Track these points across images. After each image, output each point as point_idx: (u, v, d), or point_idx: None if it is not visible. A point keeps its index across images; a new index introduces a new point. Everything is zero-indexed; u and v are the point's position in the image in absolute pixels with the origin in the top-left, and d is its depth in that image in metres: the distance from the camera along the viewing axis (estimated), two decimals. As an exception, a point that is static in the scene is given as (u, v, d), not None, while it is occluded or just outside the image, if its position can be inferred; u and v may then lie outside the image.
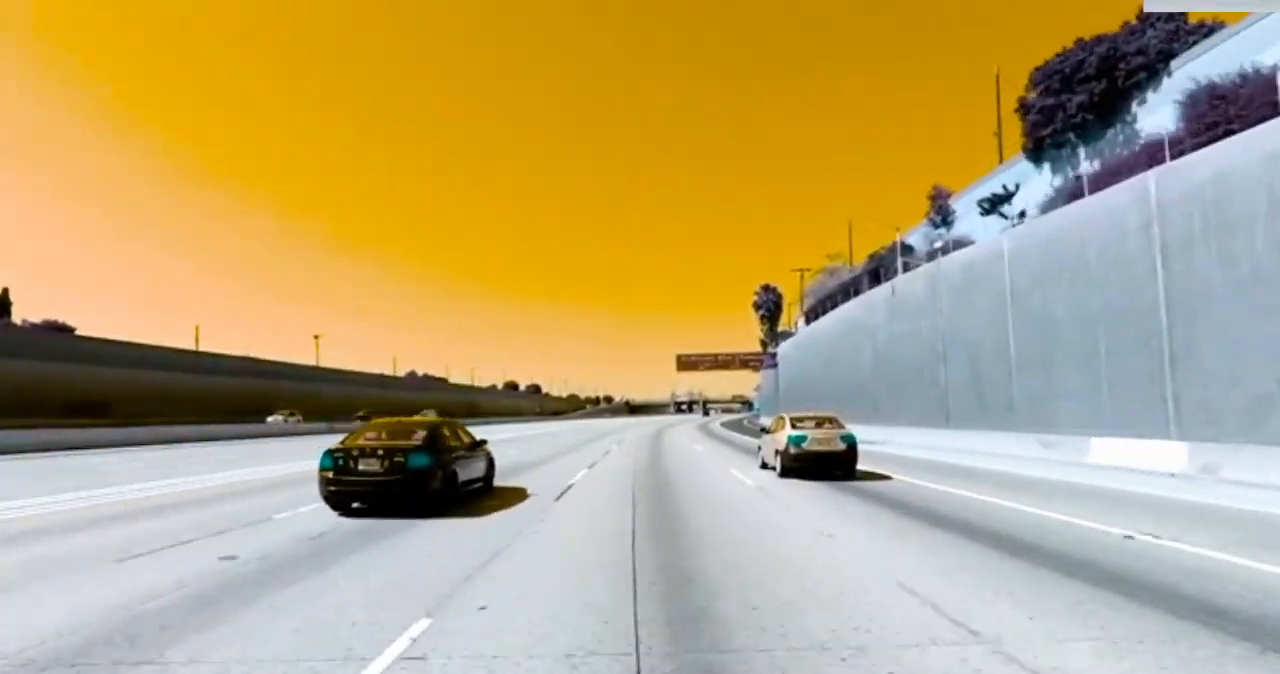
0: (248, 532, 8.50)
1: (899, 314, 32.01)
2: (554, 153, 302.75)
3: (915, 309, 29.97)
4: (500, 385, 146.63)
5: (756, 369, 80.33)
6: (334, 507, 9.79)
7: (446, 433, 10.90)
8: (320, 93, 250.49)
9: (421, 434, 10.27)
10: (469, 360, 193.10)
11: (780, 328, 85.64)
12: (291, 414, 46.06)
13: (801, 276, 73.68)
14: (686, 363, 74.61)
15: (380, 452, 9.54)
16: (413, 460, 9.44)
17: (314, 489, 10.12)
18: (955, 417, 26.09)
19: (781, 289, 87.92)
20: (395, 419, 12.29)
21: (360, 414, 50.14)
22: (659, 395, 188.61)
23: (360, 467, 9.44)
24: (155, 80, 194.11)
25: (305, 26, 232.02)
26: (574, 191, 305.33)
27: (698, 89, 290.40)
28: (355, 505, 9.75)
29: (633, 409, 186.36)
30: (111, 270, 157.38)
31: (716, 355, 74.32)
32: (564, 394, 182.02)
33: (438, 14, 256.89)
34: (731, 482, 14.25)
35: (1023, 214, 27.75)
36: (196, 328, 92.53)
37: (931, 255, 28.42)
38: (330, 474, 9.48)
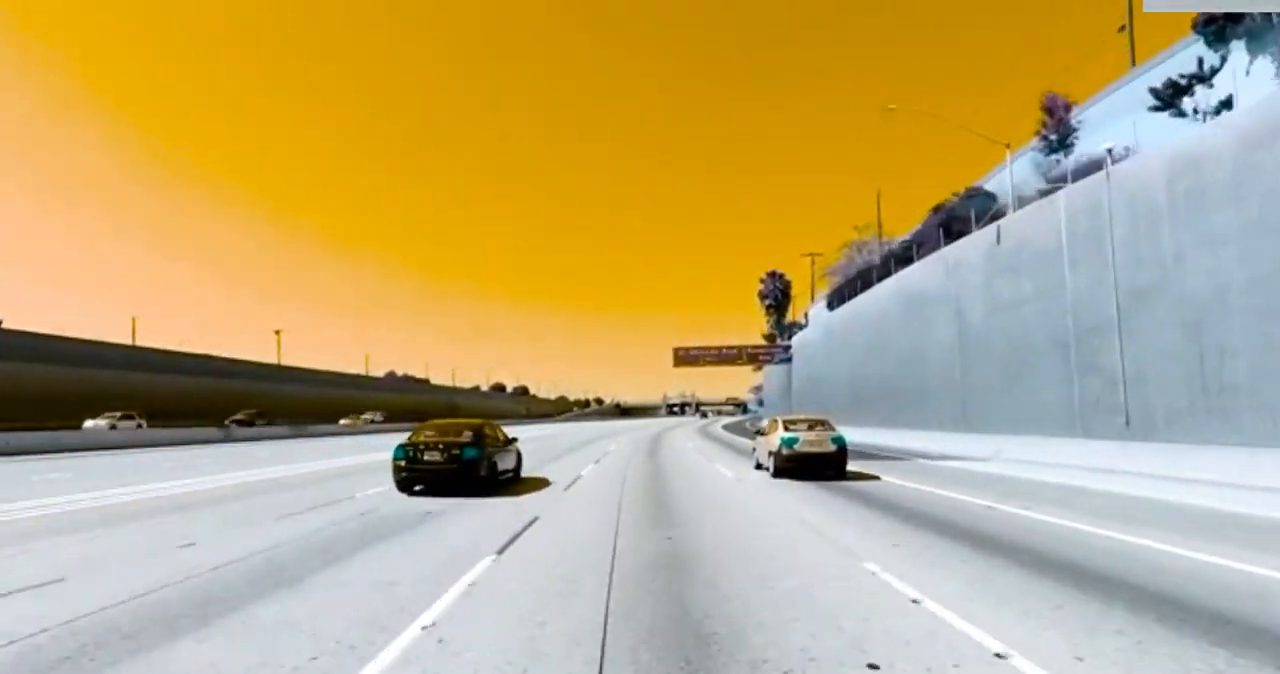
0: None
1: (1010, 271, 22.09)
2: (545, 151, 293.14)
3: (1043, 259, 20.06)
4: (487, 387, 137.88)
5: (762, 365, 70.84)
6: (402, 489, 11.74)
7: (488, 431, 12.63)
8: (312, 92, 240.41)
9: (469, 433, 11.98)
10: (459, 362, 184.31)
11: (789, 320, 76.54)
12: (127, 416, 32.94)
13: (813, 262, 64.30)
14: (684, 357, 64.07)
15: (440, 446, 11.63)
16: (466, 453, 11.48)
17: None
18: (1142, 421, 16.20)
19: (790, 277, 78.77)
20: (447, 420, 13.77)
21: (237, 417, 40.08)
22: (650, 397, 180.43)
23: (425, 457, 11.54)
24: (152, 81, 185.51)
25: (300, 27, 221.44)
26: (567, 190, 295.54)
27: (693, 83, 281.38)
28: (417, 489, 11.74)
29: (624, 411, 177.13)
30: (110, 271, 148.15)
31: (720, 349, 64.06)
32: (552, 396, 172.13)
33: (435, 12, 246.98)
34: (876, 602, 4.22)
35: (1225, 103, 17.99)
36: (133, 320, 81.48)
37: (1086, 170, 18.54)
38: (402, 463, 11.59)
